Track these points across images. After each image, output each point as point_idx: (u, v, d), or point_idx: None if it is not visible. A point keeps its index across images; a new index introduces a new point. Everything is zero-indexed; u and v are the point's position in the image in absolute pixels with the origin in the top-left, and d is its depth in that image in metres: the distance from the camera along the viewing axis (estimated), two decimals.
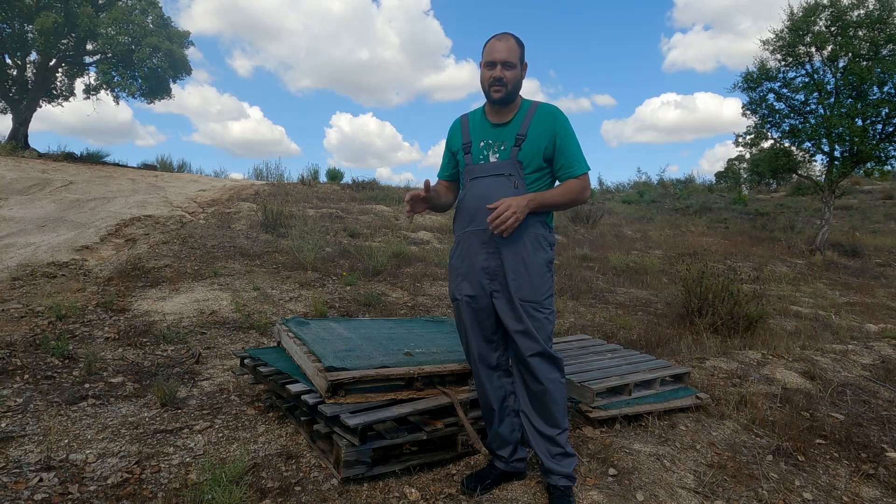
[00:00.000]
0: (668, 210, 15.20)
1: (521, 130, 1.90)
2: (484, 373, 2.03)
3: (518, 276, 1.87)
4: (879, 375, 3.76)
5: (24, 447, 2.25)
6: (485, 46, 1.92)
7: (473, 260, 1.95)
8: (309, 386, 2.23)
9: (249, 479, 2.05)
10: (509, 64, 1.86)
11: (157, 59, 14.17)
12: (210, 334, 3.87)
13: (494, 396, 2.04)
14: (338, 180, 13.80)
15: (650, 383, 2.85)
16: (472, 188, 1.96)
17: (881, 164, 10.48)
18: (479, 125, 2.00)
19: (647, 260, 7.93)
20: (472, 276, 1.96)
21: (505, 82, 1.86)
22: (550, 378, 1.90)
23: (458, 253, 2.02)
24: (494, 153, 1.93)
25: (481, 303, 1.96)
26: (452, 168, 2.13)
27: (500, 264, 1.90)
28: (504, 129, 1.93)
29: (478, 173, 1.94)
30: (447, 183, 2.17)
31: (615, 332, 4.51)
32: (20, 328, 3.63)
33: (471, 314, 1.99)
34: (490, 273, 1.92)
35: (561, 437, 1.93)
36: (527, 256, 1.88)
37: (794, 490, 2.20)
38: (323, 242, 6.71)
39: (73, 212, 7.28)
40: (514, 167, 1.89)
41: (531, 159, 1.89)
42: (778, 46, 10.61)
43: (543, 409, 1.93)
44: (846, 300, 6.85)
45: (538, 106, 1.94)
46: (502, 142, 1.92)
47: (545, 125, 1.90)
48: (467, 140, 2.00)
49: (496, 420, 2.05)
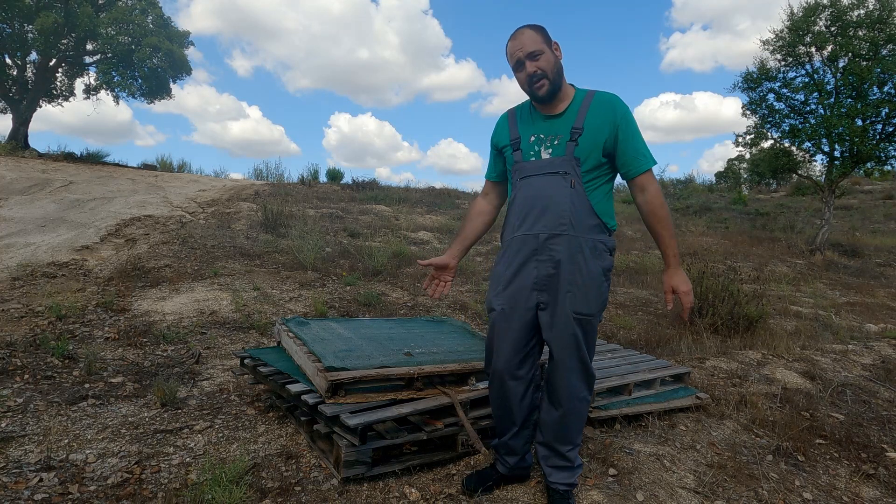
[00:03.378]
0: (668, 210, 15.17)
1: (576, 122, 1.71)
2: (513, 388, 1.85)
3: (573, 287, 1.71)
4: (879, 375, 3.76)
5: (24, 447, 2.24)
6: (506, 54, 1.78)
7: (522, 268, 1.77)
8: (309, 386, 2.23)
9: (249, 479, 2.05)
10: (535, 53, 1.69)
11: (157, 59, 14.16)
12: (210, 334, 3.87)
13: (520, 411, 1.88)
14: (338, 180, 13.81)
15: (650, 383, 2.85)
16: (524, 188, 1.78)
17: (881, 164, 10.48)
18: (528, 118, 1.82)
19: (647, 260, 7.93)
20: (518, 285, 1.78)
21: (542, 73, 1.69)
22: (580, 396, 1.79)
23: (505, 260, 1.83)
24: (547, 148, 1.75)
25: (524, 316, 1.78)
26: (501, 167, 1.95)
27: (553, 274, 1.72)
28: (557, 122, 1.75)
29: (529, 171, 1.76)
30: (493, 184, 2.01)
31: (615, 332, 4.51)
32: (20, 328, 3.63)
33: (509, 326, 1.79)
34: (540, 284, 1.74)
35: (571, 452, 1.85)
36: (584, 265, 1.71)
37: (794, 490, 2.20)
38: (323, 242, 6.71)
39: (73, 212, 7.28)
40: (571, 164, 1.70)
41: (589, 155, 1.71)
42: (778, 46, 10.61)
43: (562, 426, 1.82)
44: (846, 300, 6.85)
45: (595, 94, 1.76)
46: (556, 135, 1.74)
47: (604, 116, 1.71)
48: (516, 135, 1.81)
49: (512, 433, 1.93)
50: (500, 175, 1.98)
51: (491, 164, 2.00)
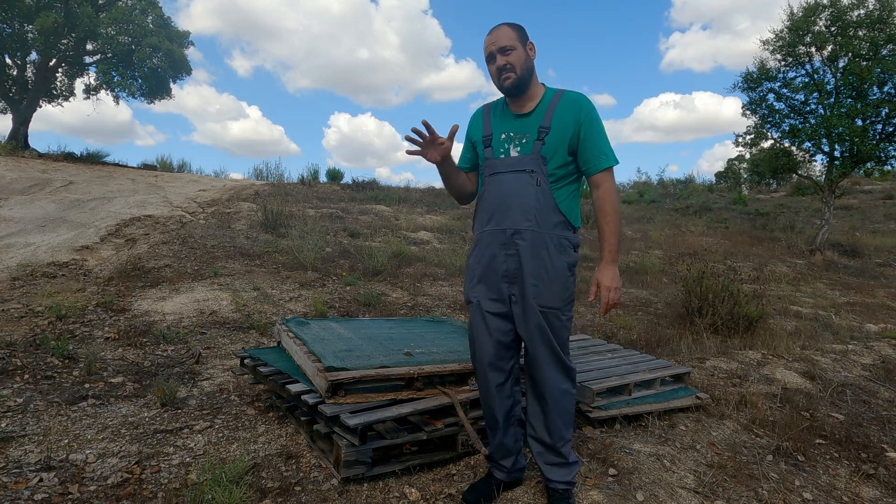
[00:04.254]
0: (668, 210, 15.20)
1: (544, 122, 1.78)
2: (493, 379, 1.90)
3: (538, 281, 1.77)
4: (879, 375, 3.76)
5: (24, 447, 2.25)
6: (484, 48, 1.84)
7: (492, 261, 1.84)
8: (309, 386, 2.23)
9: (249, 479, 2.05)
10: (507, 48, 1.76)
11: (157, 59, 14.15)
12: (210, 334, 3.87)
13: (501, 406, 1.92)
14: (338, 180, 13.81)
15: (650, 383, 2.85)
16: (492, 184, 1.84)
17: (881, 164, 10.49)
18: (500, 116, 1.88)
19: (647, 260, 7.93)
20: (489, 278, 1.85)
21: (510, 67, 1.76)
22: (562, 388, 1.83)
23: (476, 253, 1.90)
24: (516, 147, 1.81)
25: (499, 307, 1.84)
26: (473, 158, 2.00)
27: (518, 268, 1.79)
28: (526, 120, 1.81)
29: (498, 168, 1.83)
30: (467, 174, 2.04)
31: (615, 332, 4.51)
32: (20, 328, 3.63)
33: (485, 318, 1.86)
34: (509, 276, 1.81)
35: (564, 447, 1.87)
36: (549, 260, 1.77)
37: (794, 490, 2.20)
38: (323, 242, 6.71)
39: (73, 212, 7.28)
40: (537, 163, 1.77)
41: (555, 153, 1.77)
42: (778, 46, 10.61)
43: (550, 420, 1.85)
44: (846, 300, 6.85)
45: (563, 94, 1.82)
46: (524, 134, 1.80)
47: (570, 114, 1.77)
48: (488, 132, 1.88)
49: (501, 430, 1.94)
50: (472, 167, 2.02)
51: (463, 156, 2.05)
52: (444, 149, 1.84)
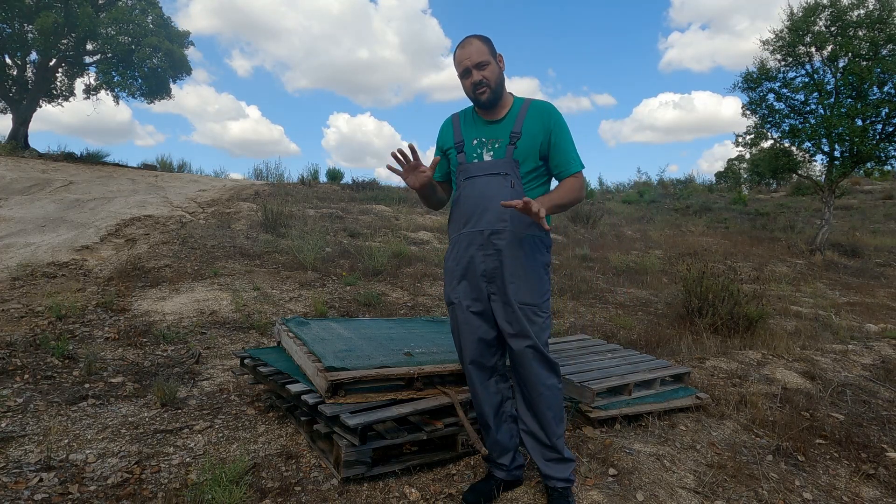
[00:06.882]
0: (668, 210, 15.20)
1: (515, 127, 1.86)
2: (478, 377, 1.97)
3: (516, 279, 1.84)
4: (879, 375, 3.76)
5: (24, 447, 2.25)
6: (454, 61, 1.88)
7: (470, 262, 1.90)
8: (309, 386, 2.23)
9: (249, 479, 2.05)
10: (482, 63, 1.83)
11: (157, 59, 14.16)
12: (210, 334, 3.87)
13: (490, 402, 1.99)
14: (338, 180, 13.81)
15: (650, 383, 2.85)
16: (467, 188, 1.91)
17: (881, 164, 10.49)
18: (471, 123, 1.96)
19: (647, 260, 7.93)
20: (469, 278, 1.92)
21: (486, 82, 1.83)
22: (547, 384, 1.88)
23: (455, 255, 1.97)
24: (489, 151, 1.89)
25: (479, 306, 1.91)
26: (445, 167, 2.07)
27: (497, 266, 1.86)
28: (498, 126, 1.89)
29: (472, 172, 1.90)
30: (440, 184, 2.11)
31: (615, 332, 4.51)
32: (20, 328, 3.63)
33: (467, 318, 1.93)
34: (488, 276, 1.88)
35: (558, 442, 1.91)
36: (524, 259, 1.85)
37: (794, 490, 2.20)
38: (323, 242, 6.71)
39: (73, 212, 7.28)
40: (511, 166, 1.85)
41: (527, 157, 1.86)
42: (778, 46, 10.61)
43: (539, 415, 1.90)
44: (846, 300, 6.85)
45: (531, 102, 1.91)
46: (497, 139, 1.88)
47: (540, 122, 1.86)
48: (460, 138, 1.95)
49: (493, 427, 2.00)
50: (445, 176, 2.09)
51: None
52: (425, 177, 1.87)
